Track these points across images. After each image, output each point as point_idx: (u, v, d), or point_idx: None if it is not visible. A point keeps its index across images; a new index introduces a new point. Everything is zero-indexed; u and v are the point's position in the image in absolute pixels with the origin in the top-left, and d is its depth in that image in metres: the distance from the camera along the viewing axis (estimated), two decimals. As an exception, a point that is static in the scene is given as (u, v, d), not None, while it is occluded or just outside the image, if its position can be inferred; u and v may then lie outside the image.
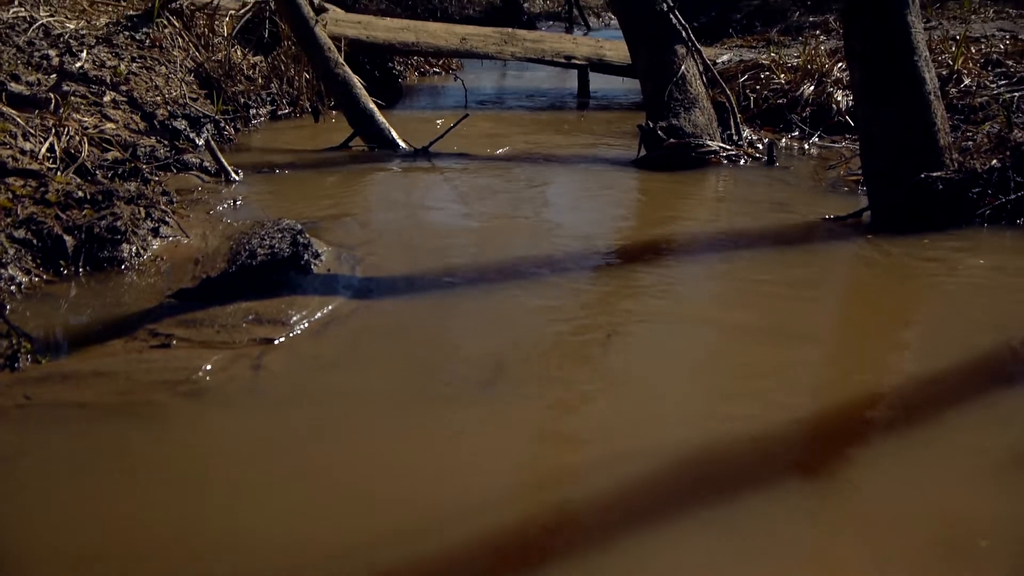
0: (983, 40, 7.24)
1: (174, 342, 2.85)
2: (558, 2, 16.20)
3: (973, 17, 9.54)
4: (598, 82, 8.06)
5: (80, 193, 3.85)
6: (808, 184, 4.95)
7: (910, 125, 4.14)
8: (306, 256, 3.43)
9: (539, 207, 4.65)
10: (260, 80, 6.52)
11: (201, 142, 5.41)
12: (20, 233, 3.49)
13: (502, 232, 4.15)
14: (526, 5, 14.94)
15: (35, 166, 4.15)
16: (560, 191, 4.92)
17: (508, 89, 8.55)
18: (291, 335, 2.91)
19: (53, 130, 4.51)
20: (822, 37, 8.40)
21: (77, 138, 4.59)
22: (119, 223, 3.63)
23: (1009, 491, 2.17)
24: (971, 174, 4.22)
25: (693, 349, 2.96)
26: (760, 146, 5.63)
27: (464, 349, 2.87)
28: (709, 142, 5.35)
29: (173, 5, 6.52)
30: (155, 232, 3.79)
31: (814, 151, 5.71)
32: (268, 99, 6.52)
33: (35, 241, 3.50)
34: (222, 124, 5.82)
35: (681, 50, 5.62)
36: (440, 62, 9.23)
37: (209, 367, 2.68)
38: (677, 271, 3.67)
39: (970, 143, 4.93)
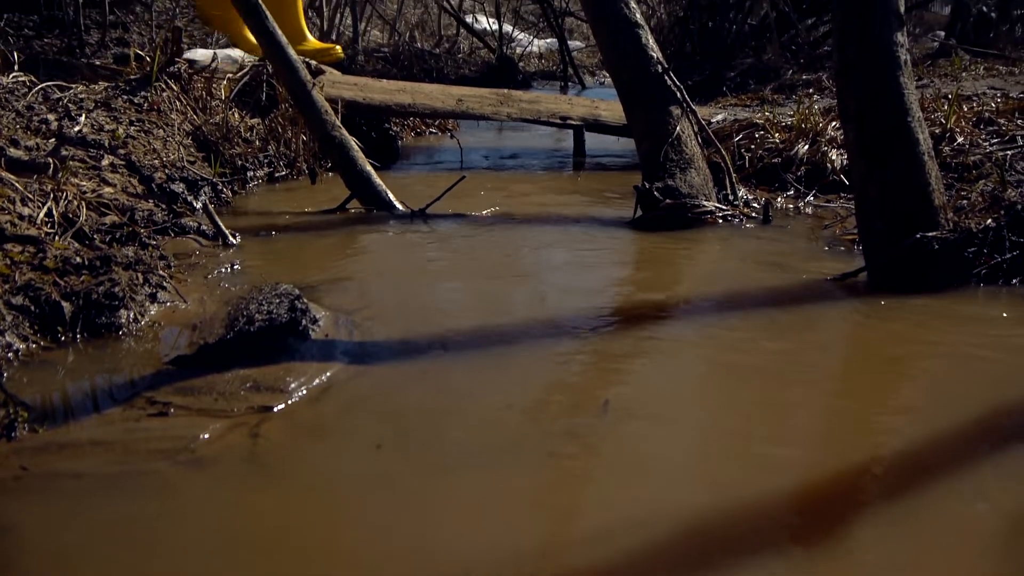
0: (975, 99, 7.30)
1: (172, 410, 2.83)
2: (553, 61, 16.33)
3: (964, 75, 9.64)
4: (594, 141, 8.11)
5: (78, 259, 3.85)
6: (804, 244, 4.97)
7: (905, 186, 4.16)
8: (304, 322, 3.43)
9: (536, 269, 4.66)
10: (257, 142, 6.55)
11: (199, 205, 5.42)
12: (18, 300, 3.49)
13: (498, 295, 4.16)
14: (521, 64, 15.06)
15: (33, 231, 4.15)
16: (557, 252, 4.93)
17: (504, 149, 8.59)
18: (289, 403, 2.90)
19: (51, 195, 4.53)
20: (815, 96, 8.47)
21: (75, 202, 4.61)
22: (117, 289, 3.63)
23: (1016, 558, 2.15)
24: (966, 234, 4.24)
25: (691, 413, 2.96)
26: (756, 205, 5.66)
27: (461, 418, 2.86)
28: (705, 202, 5.37)
29: (171, 69, 6.56)
30: (153, 297, 3.78)
31: (810, 210, 5.74)
32: (265, 161, 6.55)
33: (33, 307, 3.49)
34: (219, 187, 5.84)
35: (676, 111, 5.66)
36: (437, 122, 9.29)
37: (207, 436, 2.67)
38: (675, 334, 3.67)
39: (965, 202, 4.95)
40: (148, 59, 6.88)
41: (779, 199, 5.94)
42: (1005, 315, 3.81)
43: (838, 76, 4.36)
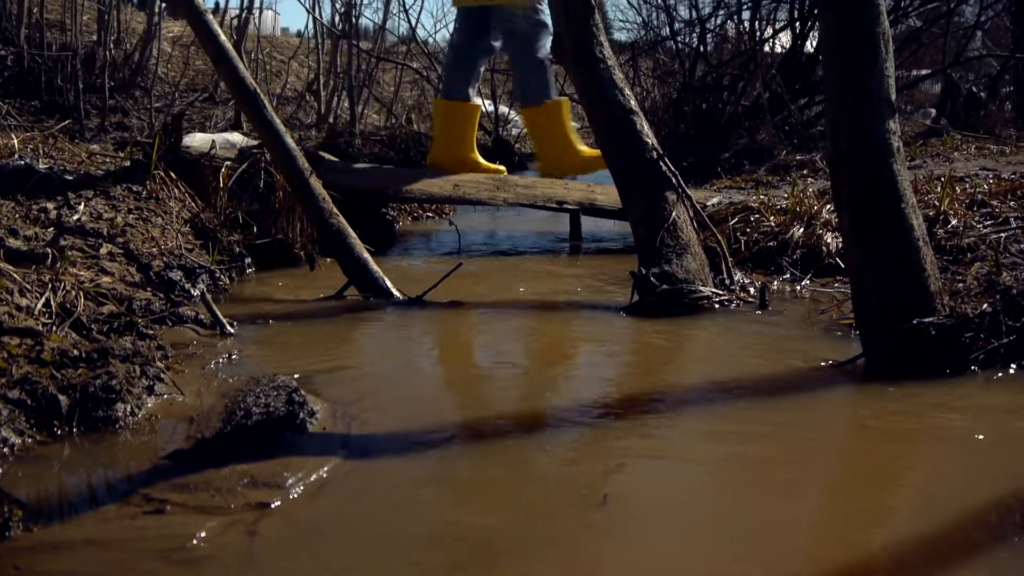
0: (967, 180, 7.36)
1: (168, 507, 2.82)
2: (549, 143, 16.44)
3: (956, 154, 9.73)
4: (589, 224, 8.15)
5: (76, 351, 3.85)
6: (801, 329, 4.98)
7: (900, 271, 4.18)
8: (301, 415, 3.42)
9: (533, 357, 4.66)
10: (255, 229, 6.58)
11: (196, 293, 5.43)
12: (14, 394, 3.48)
13: (496, 385, 4.16)
14: (517, 146, 15.18)
15: (31, 323, 4.16)
16: (554, 340, 4.94)
17: (500, 233, 8.64)
18: (287, 499, 2.88)
19: (50, 285, 4.54)
20: (809, 179, 8.54)
21: (73, 293, 4.62)
22: (114, 382, 3.63)
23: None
24: (963, 319, 4.24)
25: (692, 508, 2.94)
26: (752, 290, 5.67)
27: (460, 516, 2.84)
28: (702, 288, 5.39)
29: (170, 157, 6.61)
30: (150, 390, 3.78)
31: (806, 294, 5.76)
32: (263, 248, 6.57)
33: (29, 401, 3.49)
34: (217, 274, 5.86)
35: (672, 197, 5.70)
36: (433, 206, 9.34)
37: (203, 534, 2.65)
38: (674, 425, 3.66)
39: (960, 285, 4.97)
40: (147, 146, 6.94)
41: (775, 283, 5.96)
42: (1003, 401, 3.81)
43: (831, 164, 4.40)
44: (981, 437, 3.43)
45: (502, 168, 8.58)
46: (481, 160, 8.42)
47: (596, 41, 5.81)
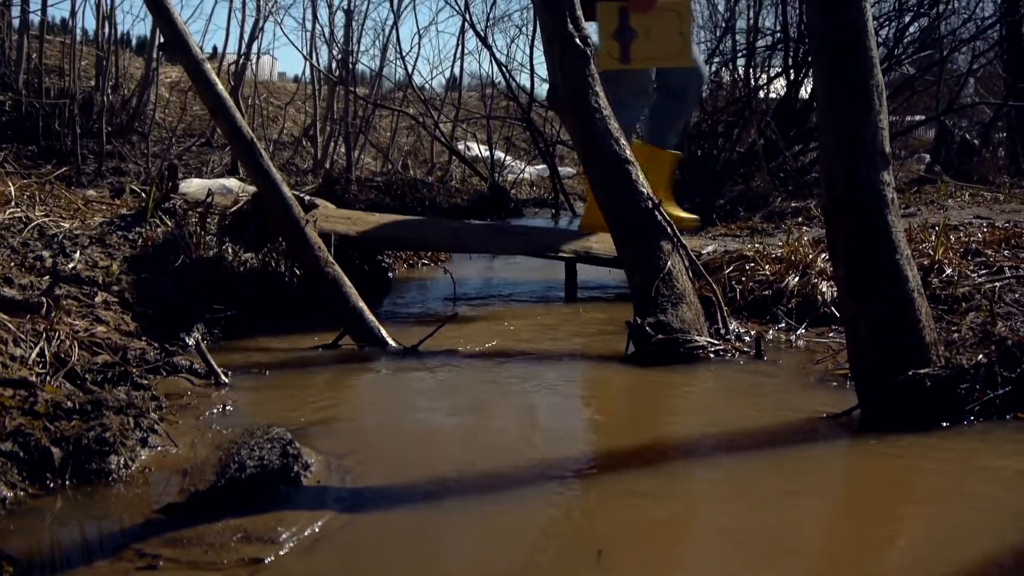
0: (961, 228, 7.38)
1: (161, 563, 2.80)
2: (545, 189, 16.52)
3: (950, 202, 9.76)
4: (585, 272, 8.15)
5: (69, 403, 3.84)
6: (797, 379, 4.97)
7: (895, 323, 4.18)
8: (296, 468, 3.41)
9: (528, 408, 4.65)
10: (251, 276, 6.57)
11: (191, 341, 5.43)
12: (7, 446, 3.47)
13: (492, 436, 4.14)
14: (513, 192, 15.24)
15: (24, 372, 4.16)
16: (550, 391, 4.93)
17: (496, 280, 8.64)
18: (280, 553, 2.87)
19: (44, 334, 4.54)
20: (804, 227, 8.56)
21: (68, 342, 4.61)
22: (108, 434, 3.61)
23: None
24: (958, 370, 4.24)
25: (687, 564, 2.92)
26: (747, 339, 5.67)
27: (455, 571, 2.82)
28: (697, 337, 5.39)
29: (166, 205, 6.63)
30: (144, 442, 3.77)
31: (801, 343, 5.75)
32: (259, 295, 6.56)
33: (22, 454, 3.47)
34: (212, 322, 5.85)
35: (667, 246, 5.71)
36: (429, 254, 9.36)
37: (196, 591, 2.63)
38: (670, 477, 3.65)
39: (956, 335, 4.96)
40: (144, 194, 6.96)
41: (770, 332, 5.96)
42: (1000, 452, 3.80)
43: (826, 214, 4.41)
44: (979, 490, 3.42)
45: (695, 217, 8.80)
46: (679, 210, 8.57)
47: (592, 91, 5.84)
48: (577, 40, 5.82)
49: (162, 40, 6.01)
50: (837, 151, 4.23)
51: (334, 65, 16.53)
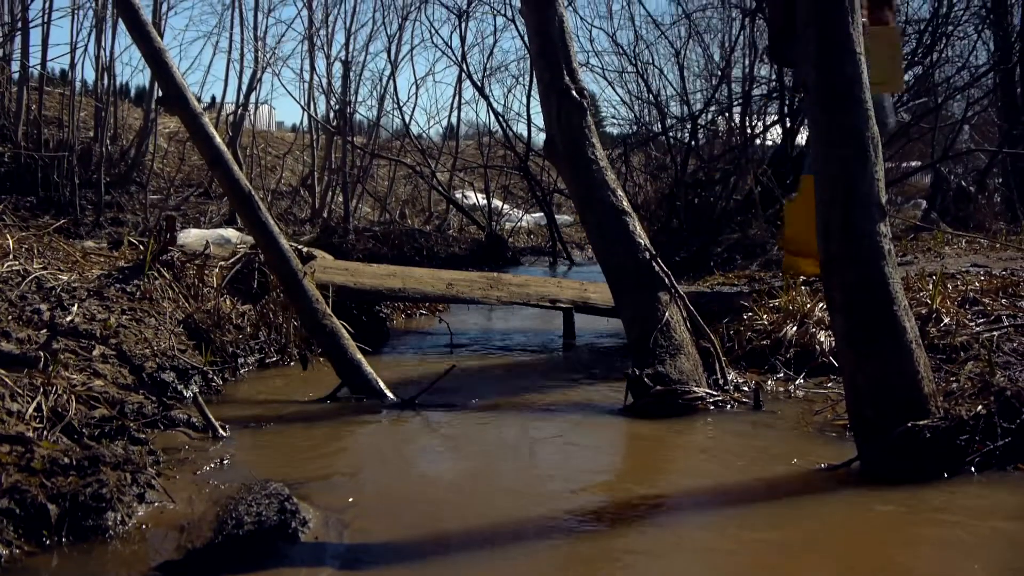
0: (958, 277, 7.38)
1: (157, 623, 2.78)
2: (542, 237, 16.56)
3: (947, 249, 9.76)
4: (583, 322, 8.15)
5: (66, 459, 3.82)
6: (796, 430, 4.96)
7: (894, 374, 4.18)
8: (293, 524, 3.39)
9: (526, 462, 4.64)
10: (249, 328, 6.58)
11: (189, 395, 5.42)
12: (3, 503, 3.44)
13: (491, 493, 4.12)
14: (511, 240, 15.28)
15: (22, 427, 4.14)
16: (548, 444, 4.92)
17: (494, 331, 8.64)
18: (278, 613, 2.85)
19: (41, 389, 4.52)
20: (801, 277, 8.55)
21: (65, 396, 4.59)
22: (104, 490, 3.59)
23: None
24: (957, 421, 4.23)
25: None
26: (746, 389, 5.66)
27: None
28: (696, 388, 5.39)
29: (164, 257, 6.63)
30: (140, 498, 3.74)
31: (800, 393, 5.74)
32: (256, 347, 6.56)
33: (18, 511, 3.45)
34: (210, 375, 5.84)
35: (665, 297, 5.72)
36: (427, 304, 9.35)
37: (193, 651, 2.61)
38: (669, 532, 3.63)
39: (955, 385, 4.96)
40: (142, 246, 6.97)
41: (769, 382, 5.95)
42: (1001, 504, 3.78)
43: (823, 266, 4.41)
44: (979, 543, 3.40)
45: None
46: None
47: (588, 143, 5.88)
48: (574, 92, 5.86)
49: (161, 94, 6.04)
50: (833, 203, 4.24)
51: (332, 115, 16.61)
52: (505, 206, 17.60)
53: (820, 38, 4.30)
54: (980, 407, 4.36)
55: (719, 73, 15.22)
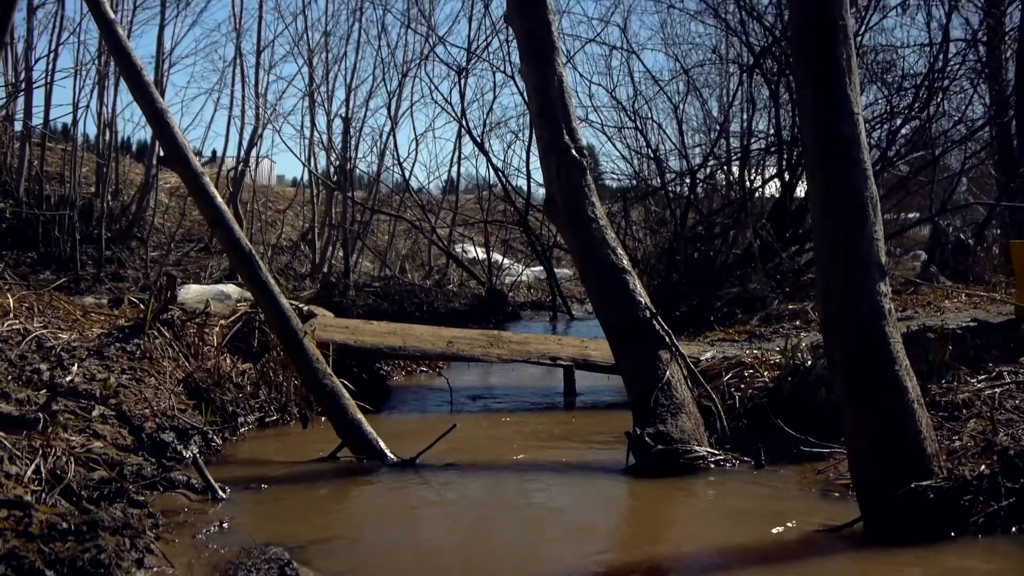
0: (959, 331, 7.36)
1: None
2: (542, 291, 16.57)
3: (947, 303, 9.76)
4: (583, 379, 8.14)
5: (64, 524, 3.79)
6: (798, 490, 4.94)
7: (896, 435, 4.16)
8: (294, 590, 3.37)
9: (530, 525, 4.62)
10: (249, 387, 6.57)
11: (188, 455, 5.39)
12: (0, 570, 3.42)
13: (493, 556, 4.11)
14: (511, 295, 15.28)
15: (20, 491, 4.12)
16: (548, 505, 4.90)
17: (494, 388, 8.62)
18: None
19: (40, 451, 4.51)
20: (802, 331, 8.56)
21: (64, 459, 4.58)
22: (103, 556, 3.56)
23: None
24: (961, 481, 4.21)
25: None
26: (748, 448, 5.64)
27: None
28: (697, 448, 5.37)
29: (165, 316, 6.63)
30: (139, 563, 3.71)
31: (802, 451, 5.71)
32: (256, 406, 6.54)
33: (16, 577, 3.43)
34: (210, 435, 5.83)
35: (665, 355, 5.71)
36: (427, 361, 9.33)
37: None
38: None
39: (957, 443, 4.93)
40: (142, 305, 6.97)
41: (770, 440, 5.92)
42: (1006, 568, 3.76)
43: (823, 326, 4.41)
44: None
45: None
46: None
47: (588, 201, 5.89)
48: (573, 151, 5.88)
49: (162, 153, 6.08)
50: (833, 263, 4.25)
51: (332, 170, 16.69)
52: (505, 260, 17.64)
53: (817, 99, 4.32)
54: (983, 467, 4.34)
55: (717, 127, 15.31)
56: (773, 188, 14.40)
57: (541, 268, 16.20)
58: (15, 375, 5.54)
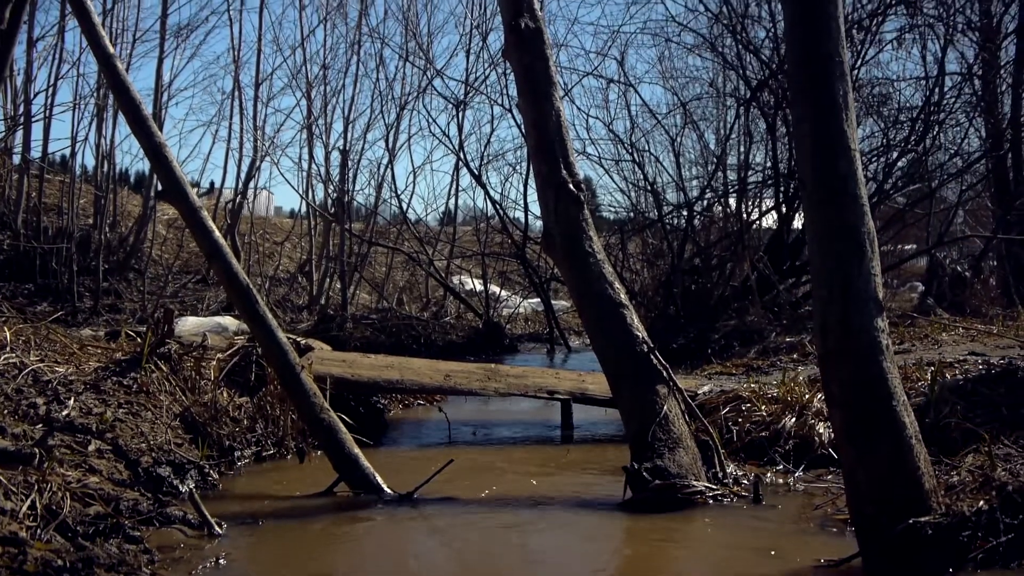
0: (956, 365, 7.36)
1: None
2: (539, 323, 16.56)
3: (944, 336, 9.75)
4: (581, 412, 8.12)
5: (59, 561, 3.79)
6: (796, 525, 4.93)
7: (894, 471, 4.15)
8: (289, 629, 3.35)
9: (528, 562, 4.60)
10: (246, 421, 6.55)
11: (185, 490, 5.38)
12: (-4, 608, 3.41)
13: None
14: (508, 327, 15.27)
15: (15, 526, 4.10)
16: (547, 541, 4.88)
17: (492, 421, 8.59)
18: None
19: (36, 486, 4.49)
20: (800, 365, 8.55)
21: (60, 494, 4.56)
22: (98, 594, 3.56)
23: None
24: (959, 517, 4.20)
25: None
26: (746, 482, 5.63)
27: None
28: (695, 483, 5.35)
29: (161, 350, 6.62)
30: (134, 601, 3.71)
31: (800, 486, 5.71)
32: (253, 440, 6.52)
33: (11, 616, 3.41)
34: (206, 469, 5.81)
35: (662, 390, 5.70)
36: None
37: None
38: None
39: (955, 478, 4.93)
40: (139, 338, 6.96)
41: (768, 474, 5.93)
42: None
43: (821, 361, 4.41)
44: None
45: None
46: None
47: (586, 236, 5.90)
48: (571, 186, 5.90)
49: (160, 187, 6.08)
50: (830, 300, 4.25)
51: (329, 203, 16.72)
52: (503, 292, 17.63)
53: (814, 135, 4.34)
54: (982, 502, 4.34)
55: (715, 160, 15.36)
56: (770, 220, 14.42)
57: (538, 300, 16.20)
58: (11, 409, 5.53)
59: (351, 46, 16.45)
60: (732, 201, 14.70)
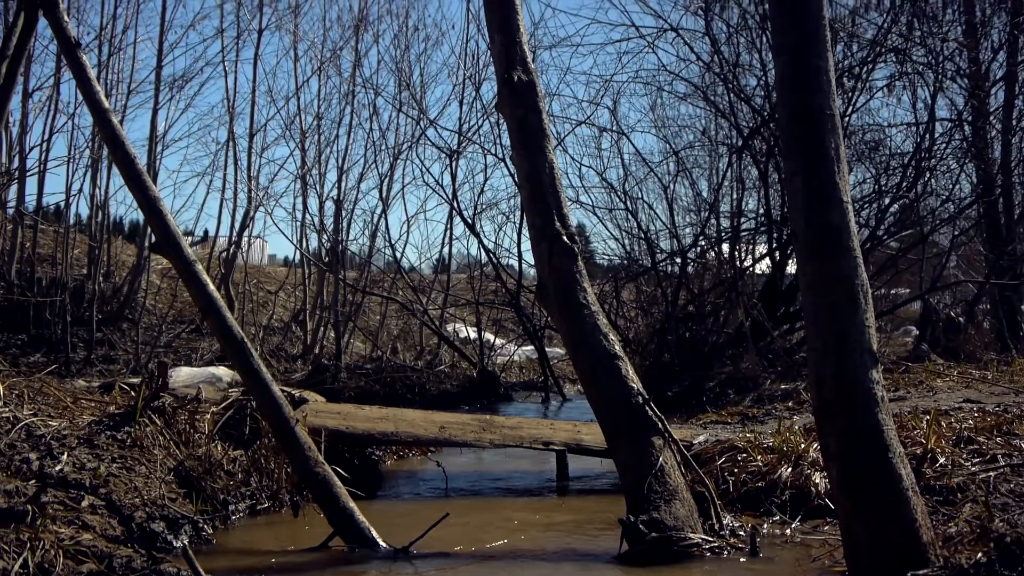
0: (951, 413, 7.37)
1: None
2: (534, 371, 16.52)
3: (939, 382, 9.78)
4: (576, 462, 8.09)
5: (52, 623, 3.76)
6: (794, 578, 4.91)
7: (890, 523, 4.16)
8: None
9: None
10: (240, 475, 6.52)
11: (179, 545, 5.36)
12: (-13, 671, 3.38)
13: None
14: (503, 376, 15.24)
15: (7, 587, 4.08)
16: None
17: (487, 472, 8.55)
18: None
19: (28, 544, 4.47)
20: (795, 414, 8.55)
21: (52, 552, 4.55)
22: (91, 656, 3.53)
23: None
24: (957, 570, 4.20)
25: None
26: (742, 534, 5.61)
27: None
28: (691, 535, 5.33)
29: (156, 403, 6.61)
30: (127, 662, 3.67)
31: (797, 537, 5.69)
32: (248, 494, 6.48)
33: None
34: (200, 524, 5.78)
35: (658, 441, 5.69)
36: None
37: None
38: None
39: (953, 529, 4.92)
40: (133, 392, 6.95)
41: (765, 525, 5.90)
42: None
43: (816, 414, 4.42)
44: None
45: None
46: None
47: (580, 287, 5.91)
48: (565, 238, 5.92)
49: (154, 240, 6.10)
50: (825, 352, 4.26)
51: (323, 252, 16.72)
52: (497, 340, 17.60)
53: (807, 188, 4.37)
54: (980, 554, 4.33)
55: (707, 207, 15.39)
56: (764, 266, 14.46)
57: (533, 348, 16.17)
58: (4, 465, 5.51)
59: (345, 96, 16.49)
60: (726, 248, 14.74)
